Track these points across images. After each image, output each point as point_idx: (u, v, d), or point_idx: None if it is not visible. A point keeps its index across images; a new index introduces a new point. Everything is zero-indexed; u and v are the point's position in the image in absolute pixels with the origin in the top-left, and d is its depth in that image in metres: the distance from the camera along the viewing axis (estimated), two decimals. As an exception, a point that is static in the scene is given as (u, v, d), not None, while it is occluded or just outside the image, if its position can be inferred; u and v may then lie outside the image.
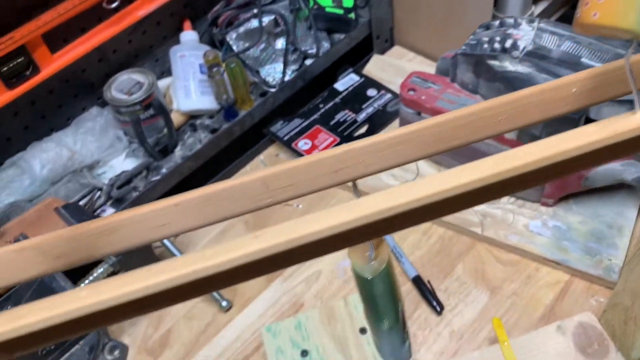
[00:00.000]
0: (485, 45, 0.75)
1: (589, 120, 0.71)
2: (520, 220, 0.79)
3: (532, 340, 0.66)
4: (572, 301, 0.73)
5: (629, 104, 0.67)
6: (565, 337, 0.66)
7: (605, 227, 0.77)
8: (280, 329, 0.68)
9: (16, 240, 0.69)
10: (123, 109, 0.87)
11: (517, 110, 0.34)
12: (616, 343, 0.64)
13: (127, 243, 0.31)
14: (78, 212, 0.71)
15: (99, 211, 0.82)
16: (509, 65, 0.73)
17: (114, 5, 0.82)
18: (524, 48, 0.72)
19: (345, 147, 0.33)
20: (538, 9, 0.97)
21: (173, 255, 0.79)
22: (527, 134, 0.73)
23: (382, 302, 0.31)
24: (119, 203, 0.85)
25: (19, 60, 0.77)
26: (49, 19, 0.77)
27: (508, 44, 0.73)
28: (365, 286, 0.31)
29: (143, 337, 0.77)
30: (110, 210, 0.82)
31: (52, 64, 0.81)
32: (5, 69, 0.76)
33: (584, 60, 0.70)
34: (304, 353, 0.66)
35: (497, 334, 0.67)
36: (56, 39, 0.81)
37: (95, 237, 0.30)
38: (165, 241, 0.79)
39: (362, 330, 0.67)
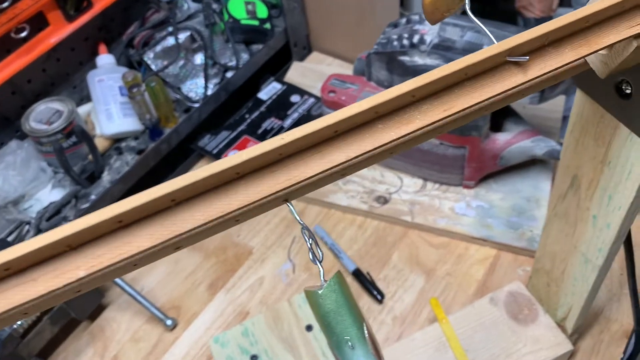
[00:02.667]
0: (395, 43, 0.79)
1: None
2: (446, 204, 0.84)
3: (469, 315, 0.70)
4: (502, 274, 0.78)
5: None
6: (498, 307, 0.70)
7: (524, 201, 0.82)
8: (228, 338, 0.69)
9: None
10: (44, 139, 0.85)
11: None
12: (543, 306, 0.69)
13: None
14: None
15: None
16: (418, 59, 0.77)
17: (22, 34, 0.81)
18: (431, 42, 0.76)
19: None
20: (442, 4, 1.02)
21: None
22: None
23: (340, 317, 0.29)
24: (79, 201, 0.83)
25: None
26: (-46, 54, 0.75)
27: (415, 39, 0.77)
28: (320, 303, 0.30)
29: (89, 367, 0.75)
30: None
31: (-38, 100, 0.78)
32: None
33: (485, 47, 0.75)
34: (254, 358, 0.67)
35: (436, 313, 0.70)
36: (-36, 74, 0.79)
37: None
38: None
39: (309, 328, 0.69)
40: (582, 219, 0.54)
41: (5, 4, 0.77)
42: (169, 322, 0.77)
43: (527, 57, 0.32)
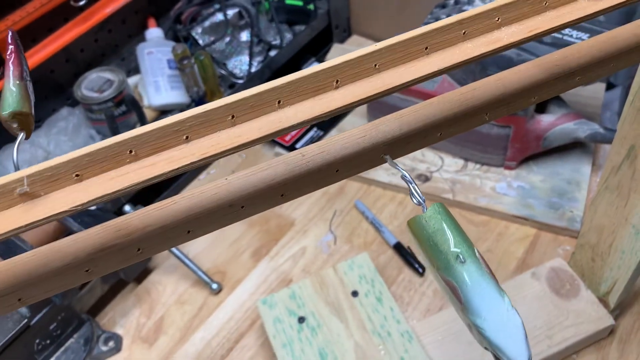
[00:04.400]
0: (443, 23, 0.81)
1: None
2: (487, 184, 0.85)
3: (511, 288, 0.71)
4: (541, 252, 0.79)
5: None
6: (540, 281, 0.72)
7: (565, 184, 0.83)
8: (275, 300, 0.71)
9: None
10: (95, 107, 0.88)
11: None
12: (585, 281, 0.70)
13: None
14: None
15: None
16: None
17: (81, 3, 0.83)
18: (479, 22, 0.78)
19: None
20: (484, -9, 1.04)
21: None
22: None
23: (447, 235, 0.29)
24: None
25: (-11, 60, 0.77)
26: (18, 18, 0.77)
27: (464, 19, 0.79)
28: (424, 225, 0.30)
29: (136, 326, 0.78)
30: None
31: (22, 64, 0.81)
32: (-25, 69, 0.76)
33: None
34: (301, 320, 0.69)
35: (479, 285, 0.72)
36: (25, 39, 0.81)
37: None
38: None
39: (354, 294, 0.71)
40: (637, 190, 0.55)
41: (68, -28, 0.80)
42: (214, 285, 0.79)
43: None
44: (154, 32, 0.96)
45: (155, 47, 0.95)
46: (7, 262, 0.29)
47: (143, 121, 0.89)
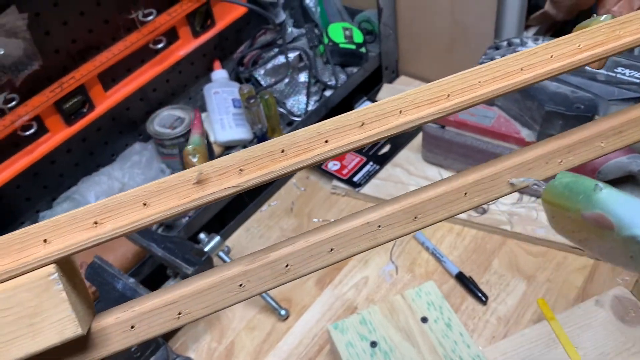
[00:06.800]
0: (499, 63, 0.86)
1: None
2: (543, 215, 0.88)
3: (575, 315, 0.74)
4: (601, 282, 0.81)
5: (635, 102, 0.78)
6: (604, 308, 0.74)
7: (619, 216, 0.86)
8: (346, 325, 0.74)
9: (89, 264, 0.73)
10: (167, 142, 0.93)
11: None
12: (650, 309, 0.72)
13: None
14: (147, 232, 0.76)
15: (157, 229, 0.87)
16: (523, 78, 0.83)
17: (159, 46, 0.90)
18: (534, 62, 0.82)
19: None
20: (529, 34, 1.09)
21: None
22: (547, 135, 0.82)
23: (579, 180, 0.33)
24: (170, 229, 0.89)
25: (78, 98, 0.83)
26: (104, 59, 0.84)
27: (520, 59, 0.83)
28: (556, 185, 0.34)
29: (207, 350, 0.80)
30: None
31: (104, 102, 0.87)
32: (67, 106, 0.82)
33: (587, 67, 0.81)
34: (373, 344, 0.71)
35: (544, 312, 0.74)
36: (108, 79, 0.88)
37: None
38: (222, 254, 0.84)
39: (424, 320, 0.73)
40: None
41: (150, 18, 0.87)
42: (282, 312, 0.82)
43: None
44: (219, 74, 1.03)
45: (220, 87, 1.01)
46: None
47: (212, 155, 0.94)
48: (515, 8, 1.01)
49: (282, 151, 0.36)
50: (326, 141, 0.37)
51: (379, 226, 0.39)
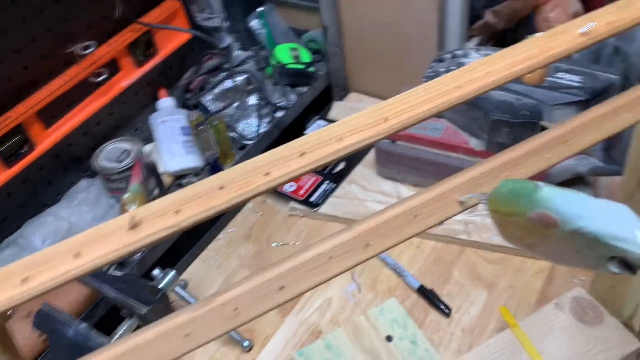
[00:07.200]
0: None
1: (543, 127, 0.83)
2: (499, 222, 0.89)
3: (537, 320, 0.74)
4: (559, 284, 0.82)
5: (577, 105, 0.80)
6: (564, 311, 0.74)
7: (571, 217, 0.88)
8: (311, 352, 0.72)
9: (36, 312, 0.70)
10: (115, 176, 0.90)
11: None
12: (607, 308, 0.73)
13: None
14: (97, 273, 0.73)
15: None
16: (468, 88, 0.84)
17: (101, 78, 0.87)
18: (478, 72, 0.84)
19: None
20: (471, 44, 1.11)
21: (189, 303, 0.82)
22: (495, 143, 0.83)
23: (518, 182, 0.35)
24: (122, 266, 0.86)
25: (16, 138, 0.80)
26: (43, 96, 0.81)
27: (463, 70, 0.85)
28: (500, 192, 0.35)
29: (170, 390, 0.77)
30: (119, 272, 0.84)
31: (45, 140, 0.84)
32: (3, 147, 0.78)
33: (529, 75, 0.83)
34: (340, 368, 0.70)
35: (507, 320, 0.74)
36: (48, 115, 0.85)
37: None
38: (179, 289, 0.81)
39: (389, 338, 0.72)
40: (651, 214, 0.59)
41: (90, 50, 0.84)
42: (245, 343, 0.80)
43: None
44: (165, 102, 1.01)
45: (168, 116, 0.99)
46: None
47: (161, 186, 0.92)
48: (457, 19, 1.03)
49: (221, 187, 0.35)
50: (267, 173, 0.36)
51: (331, 257, 0.38)
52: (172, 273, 0.79)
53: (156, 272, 0.80)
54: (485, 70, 0.40)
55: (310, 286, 0.37)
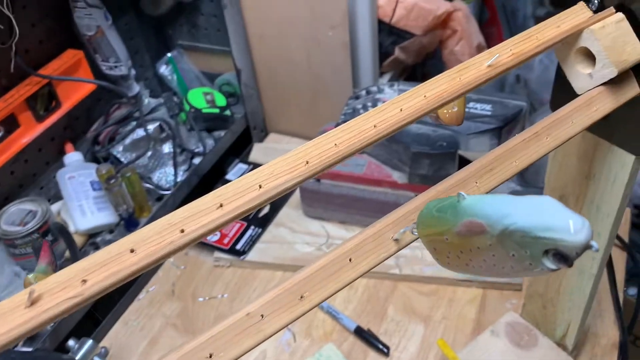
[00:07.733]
0: (361, 111, 0.87)
1: (462, 159, 0.85)
2: (427, 253, 0.88)
3: (475, 350, 0.73)
4: (492, 310, 0.83)
5: (491, 133, 0.82)
6: (500, 337, 0.74)
7: (496, 241, 0.89)
8: (248, 412, 0.67)
9: None
10: (19, 241, 0.83)
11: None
12: (541, 329, 0.74)
13: None
14: (3, 352, 0.65)
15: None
16: (386, 123, 0.84)
17: (-4, 136, 0.80)
18: (394, 106, 0.85)
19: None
20: (384, 80, 1.13)
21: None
22: (417, 175, 0.84)
23: (441, 200, 0.35)
24: (32, 340, 0.78)
25: None
26: None
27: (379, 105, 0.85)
28: (428, 213, 0.35)
29: None
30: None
31: None
32: None
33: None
34: None
35: (445, 353, 0.73)
36: None
37: None
38: (96, 359, 0.74)
39: (329, 387, 0.69)
40: (572, 234, 0.61)
41: (-19, 107, 0.78)
42: (177, 410, 0.73)
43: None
44: (72, 157, 0.94)
45: (75, 171, 0.92)
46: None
47: (73, 248, 0.85)
48: (368, 57, 1.05)
49: (132, 251, 0.31)
50: (182, 230, 0.32)
51: (262, 316, 0.35)
52: (90, 342, 0.73)
53: (71, 342, 0.73)
54: (398, 107, 0.40)
55: (243, 351, 0.33)
